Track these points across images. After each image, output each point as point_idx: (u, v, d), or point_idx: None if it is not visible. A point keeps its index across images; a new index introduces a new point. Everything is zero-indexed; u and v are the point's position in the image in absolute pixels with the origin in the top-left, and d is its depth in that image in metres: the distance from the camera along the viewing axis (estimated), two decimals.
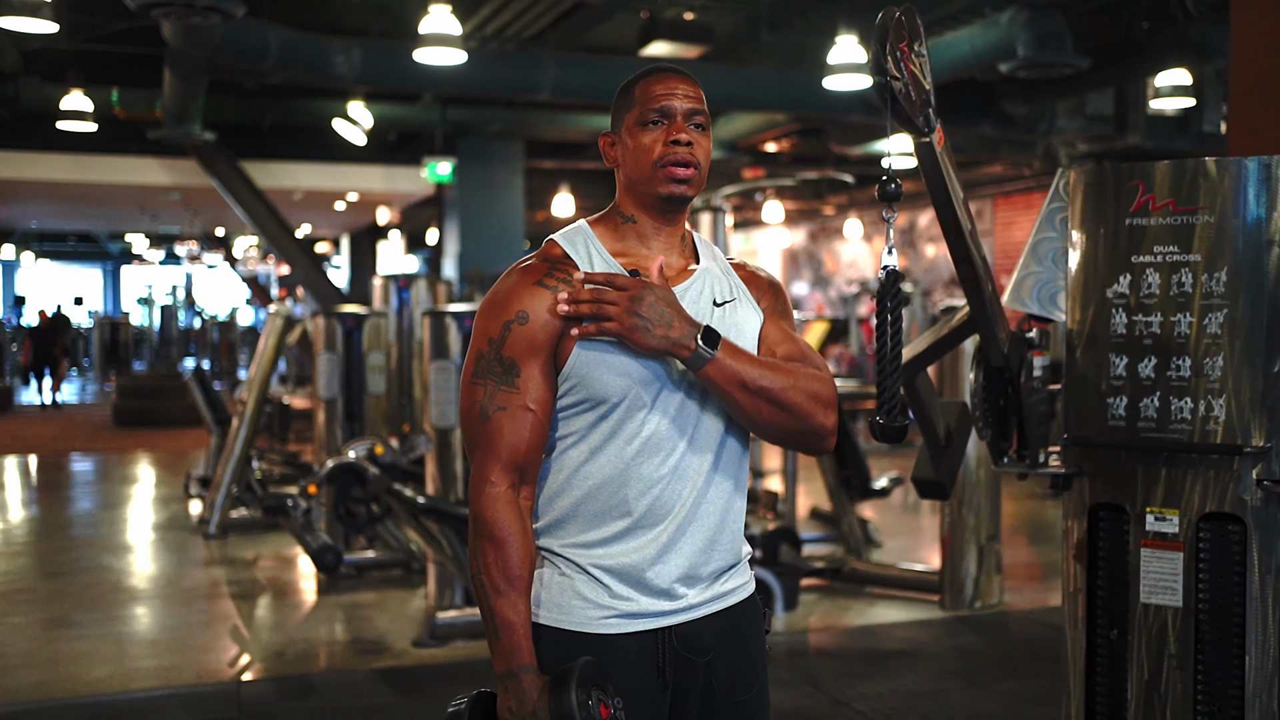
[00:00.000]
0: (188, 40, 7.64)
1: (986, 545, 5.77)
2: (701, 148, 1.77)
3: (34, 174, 13.64)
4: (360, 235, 22.56)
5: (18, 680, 4.80)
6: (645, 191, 1.77)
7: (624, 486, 1.71)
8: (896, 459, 10.69)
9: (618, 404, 1.71)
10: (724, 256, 1.91)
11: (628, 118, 1.79)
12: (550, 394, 1.72)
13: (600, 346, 1.70)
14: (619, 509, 1.72)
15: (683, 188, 1.75)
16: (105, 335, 25.09)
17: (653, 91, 1.77)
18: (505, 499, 1.69)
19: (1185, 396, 2.55)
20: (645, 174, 1.76)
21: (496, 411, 1.70)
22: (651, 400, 1.71)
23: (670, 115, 1.76)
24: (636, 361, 1.70)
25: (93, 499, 9.84)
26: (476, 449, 1.72)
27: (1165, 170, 2.59)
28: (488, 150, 13.16)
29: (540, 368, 1.71)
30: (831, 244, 20.38)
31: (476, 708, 1.70)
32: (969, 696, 4.44)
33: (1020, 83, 9.64)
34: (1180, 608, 2.55)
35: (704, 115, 1.78)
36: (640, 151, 1.76)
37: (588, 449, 1.73)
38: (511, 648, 1.66)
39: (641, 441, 1.71)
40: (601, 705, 1.62)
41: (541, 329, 1.70)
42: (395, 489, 5.41)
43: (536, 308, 1.71)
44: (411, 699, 4.43)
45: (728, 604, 1.80)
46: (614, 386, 1.70)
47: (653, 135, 1.76)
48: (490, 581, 1.68)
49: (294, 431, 12.58)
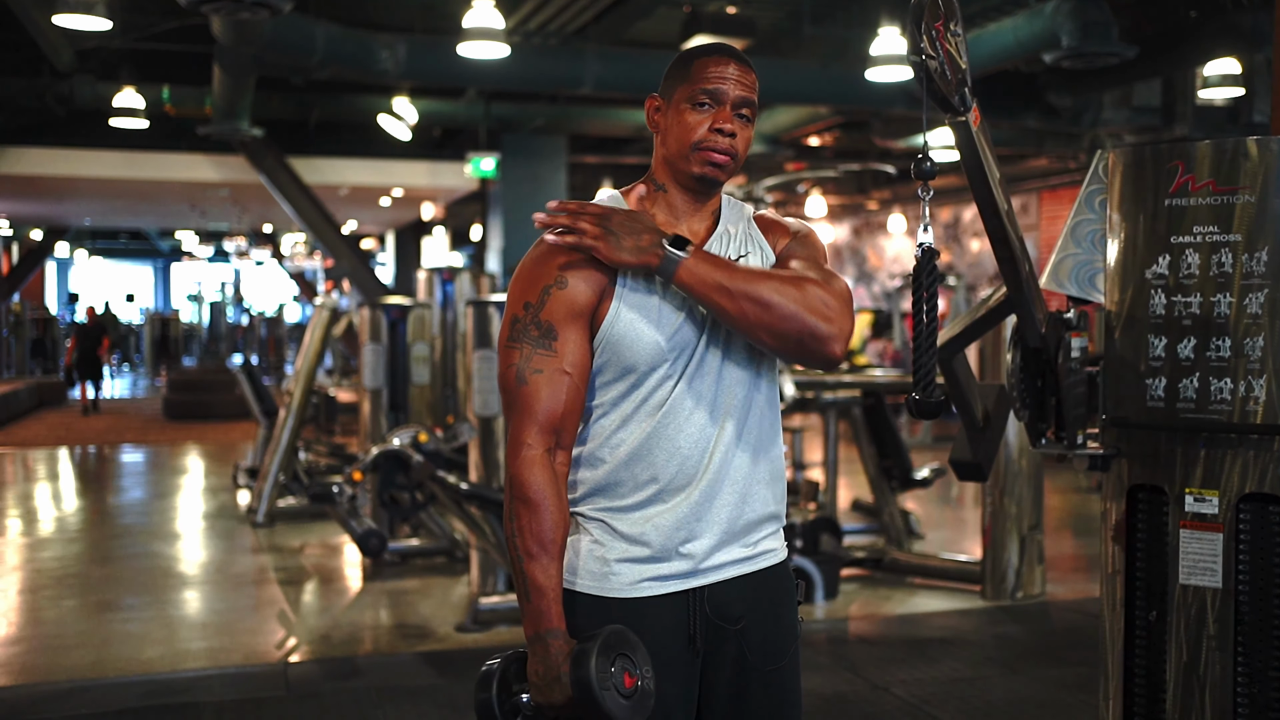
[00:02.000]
0: (236, 37, 7.75)
1: (1028, 535, 5.74)
2: (743, 138, 1.80)
3: (87, 171, 13.88)
4: (405, 231, 22.74)
5: (73, 660, 4.93)
6: (680, 167, 1.80)
7: (652, 452, 1.74)
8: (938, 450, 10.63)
9: (648, 372, 1.74)
10: (752, 213, 1.93)
11: (679, 91, 1.80)
12: (587, 359, 1.75)
13: (633, 316, 1.73)
14: (648, 474, 1.75)
15: (716, 171, 1.78)
16: (156, 331, 25.51)
17: (709, 72, 1.78)
18: (541, 462, 1.71)
19: (1225, 377, 2.54)
20: (683, 151, 1.78)
21: (534, 375, 1.72)
22: (681, 369, 1.75)
23: (720, 100, 1.77)
24: (666, 330, 1.73)
25: (144, 489, 10.02)
26: (513, 412, 1.74)
27: (1205, 150, 2.58)
28: (531, 145, 13.22)
29: (578, 332, 1.74)
30: (875, 239, 20.28)
31: (509, 669, 1.72)
32: (1009, 683, 4.44)
33: (1065, 73, 9.55)
34: (1220, 589, 2.55)
35: (752, 107, 1.80)
36: (684, 129, 1.78)
37: (619, 417, 1.76)
38: (540, 612, 1.68)
39: (669, 408, 1.74)
40: (626, 674, 1.62)
41: (580, 295, 1.73)
42: (439, 476, 5.48)
43: (574, 274, 1.74)
44: (454, 681, 4.49)
45: (758, 566, 1.82)
46: (644, 355, 1.73)
47: (699, 117, 1.77)
48: (523, 544, 1.70)
49: (339, 423, 12.73)
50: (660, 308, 1.74)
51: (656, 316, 1.74)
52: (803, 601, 1.92)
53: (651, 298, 1.74)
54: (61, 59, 9.34)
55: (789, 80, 9.90)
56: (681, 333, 1.74)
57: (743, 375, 1.79)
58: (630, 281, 1.75)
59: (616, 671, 1.62)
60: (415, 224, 21.39)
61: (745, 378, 1.79)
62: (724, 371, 1.78)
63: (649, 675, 1.65)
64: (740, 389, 1.79)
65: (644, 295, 1.74)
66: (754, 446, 1.81)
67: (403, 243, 23.16)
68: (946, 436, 12.35)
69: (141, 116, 10.47)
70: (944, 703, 4.21)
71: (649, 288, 1.75)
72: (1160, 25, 8.97)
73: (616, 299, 1.74)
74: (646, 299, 1.74)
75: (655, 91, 1.86)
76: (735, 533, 1.79)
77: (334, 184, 14.68)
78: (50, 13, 7.41)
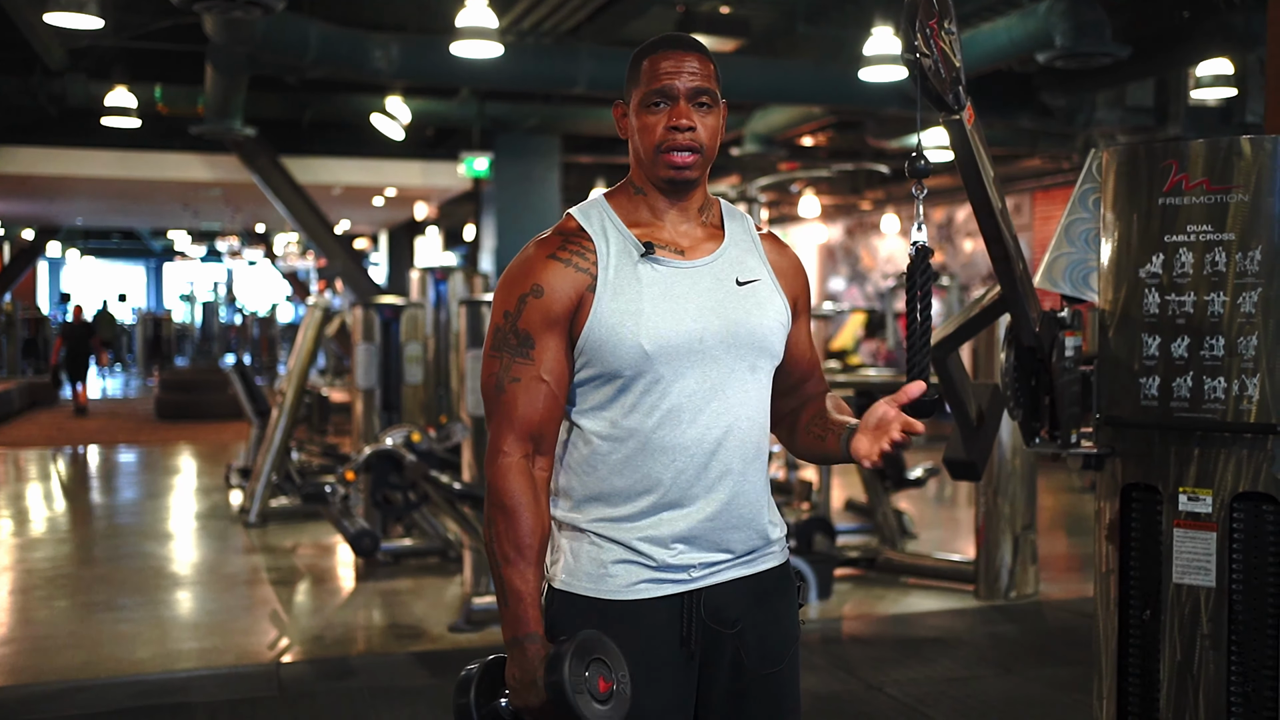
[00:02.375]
0: (229, 35, 7.73)
1: (1022, 535, 5.74)
2: (706, 126, 1.75)
3: (79, 170, 13.84)
4: (398, 231, 22.71)
5: (64, 660, 4.91)
6: (649, 173, 1.78)
7: (648, 459, 1.73)
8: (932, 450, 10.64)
9: (634, 377, 1.72)
10: (754, 226, 1.90)
11: (634, 95, 1.78)
12: (565, 366, 1.74)
13: (613, 321, 1.71)
14: (643, 484, 1.73)
15: (684, 172, 1.75)
16: (148, 331, 25.46)
17: (657, 69, 1.75)
18: (518, 469, 1.71)
19: (1219, 376, 2.55)
20: (649, 155, 1.76)
21: (511, 383, 1.72)
22: (671, 372, 1.72)
23: (673, 97, 1.74)
24: (650, 336, 1.71)
25: (136, 489, 10.00)
26: (492, 419, 1.75)
27: (1199, 149, 2.58)
28: (525, 145, 13.20)
29: (555, 340, 1.73)
30: (869, 239, 20.29)
31: (487, 674, 1.72)
32: (1003, 683, 4.44)
33: (1058, 74, 9.56)
34: (1213, 588, 2.55)
35: (709, 94, 1.76)
36: (644, 133, 1.76)
37: (608, 422, 1.75)
38: (518, 617, 1.68)
39: (662, 414, 1.73)
40: (600, 678, 1.62)
41: (556, 302, 1.72)
42: (432, 476, 5.47)
43: (551, 281, 1.73)
44: (447, 681, 4.48)
45: (755, 570, 1.81)
46: (627, 360, 1.71)
47: (655, 118, 1.75)
48: (500, 550, 1.70)
49: (332, 424, 12.71)
50: (643, 312, 1.72)
51: (638, 321, 1.71)
52: (803, 604, 1.90)
53: (635, 302, 1.72)
54: (53, 58, 9.30)
55: (782, 80, 9.89)
56: (668, 337, 1.72)
57: (734, 379, 1.77)
58: (612, 285, 1.73)
59: (591, 676, 1.61)
60: (408, 224, 21.37)
61: (736, 381, 1.77)
62: (715, 375, 1.75)
63: (625, 680, 1.65)
64: (736, 391, 1.77)
65: (626, 299, 1.72)
66: (753, 449, 1.79)
67: (396, 242, 23.14)
68: (939, 436, 12.35)
69: (134, 115, 10.43)
70: (938, 702, 4.21)
71: (632, 290, 1.73)
72: (1154, 25, 8.99)
73: (596, 303, 1.72)
74: (629, 303, 1.72)
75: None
76: (732, 539, 1.78)
77: (327, 183, 14.65)
78: (42, 11, 7.38)
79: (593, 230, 1.78)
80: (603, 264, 1.74)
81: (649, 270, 1.75)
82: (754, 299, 1.80)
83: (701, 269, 1.78)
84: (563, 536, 1.80)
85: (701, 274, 1.77)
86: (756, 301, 1.80)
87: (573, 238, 1.77)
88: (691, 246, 1.80)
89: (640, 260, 1.75)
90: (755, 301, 1.79)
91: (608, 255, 1.75)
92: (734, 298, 1.78)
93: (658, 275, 1.75)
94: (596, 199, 1.84)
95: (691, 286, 1.76)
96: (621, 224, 1.79)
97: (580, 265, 1.74)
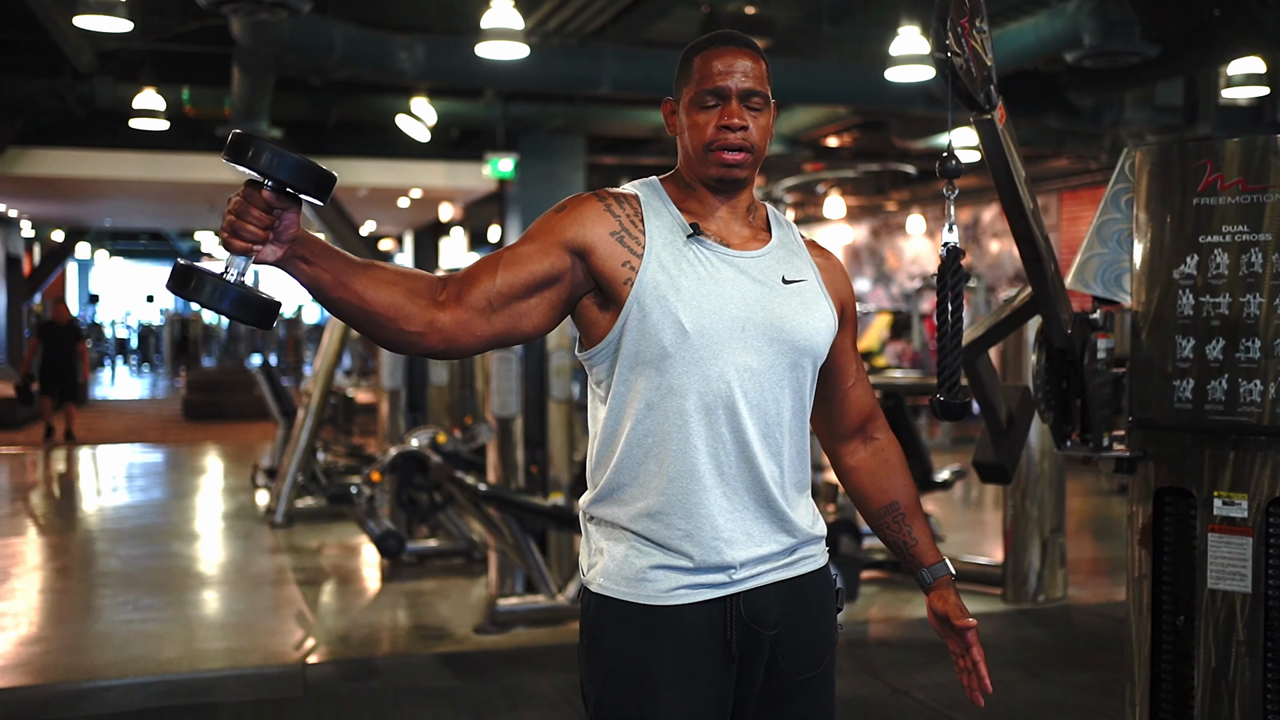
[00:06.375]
0: (255, 38, 7.77)
1: (1050, 538, 5.69)
2: (758, 126, 1.73)
3: (107, 172, 13.94)
4: (423, 232, 22.76)
5: (92, 660, 4.94)
6: (699, 171, 1.76)
7: (686, 447, 1.69)
8: (958, 452, 10.58)
9: (671, 356, 1.67)
10: (799, 233, 1.88)
11: (685, 92, 1.77)
12: (527, 284, 1.69)
13: (658, 294, 1.67)
14: (682, 473, 1.69)
15: (734, 171, 1.73)
16: (175, 332, 25.63)
17: (710, 69, 1.73)
18: (424, 295, 1.64)
19: (1254, 378, 2.51)
20: (698, 154, 1.74)
21: (488, 257, 1.73)
22: (710, 355, 1.68)
23: (725, 97, 1.72)
24: (690, 315, 1.67)
25: (163, 489, 10.05)
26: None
27: (1234, 148, 2.55)
28: (549, 146, 13.20)
29: (550, 259, 1.70)
30: (894, 240, 20.20)
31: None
32: (1031, 687, 4.40)
33: (1086, 73, 9.48)
34: (1249, 593, 2.51)
35: (761, 96, 1.74)
36: (694, 130, 1.74)
37: (644, 404, 1.70)
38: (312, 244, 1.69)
39: (699, 399, 1.68)
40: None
41: (581, 233, 1.71)
42: (457, 477, 5.47)
43: (587, 217, 1.72)
44: (472, 682, 4.48)
45: (796, 573, 1.77)
46: (666, 336, 1.67)
47: (706, 116, 1.73)
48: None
49: (358, 424, 12.76)
50: (683, 288, 1.68)
51: (679, 297, 1.67)
52: (840, 609, 1.87)
53: (677, 279, 1.68)
54: (82, 60, 9.37)
55: (808, 80, 9.86)
56: (709, 319, 1.68)
57: (774, 374, 1.73)
58: (658, 257, 1.69)
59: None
60: (433, 225, 21.41)
61: (776, 376, 1.73)
62: (756, 366, 1.71)
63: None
64: (779, 384, 1.73)
65: (670, 275, 1.68)
66: (788, 448, 1.76)
67: (421, 244, 23.19)
68: (967, 438, 12.29)
69: (161, 117, 10.51)
70: (965, 707, 4.17)
71: (675, 267, 1.69)
72: (1183, 24, 8.90)
73: (642, 272, 1.68)
74: (672, 279, 1.68)
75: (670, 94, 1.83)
76: (773, 540, 1.74)
77: (352, 185, 14.70)
78: (71, 14, 7.44)
79: (644, 197, 1.76)
80: (650, 235, 1.71)
81: (695, 252, 1.72)
82: (800, 298, 1.76)
83: (749, 260, 1.75)
84: (600, 536, 1.76)
85: (748, 264, 1.74)
86: (802, 301, 1.76)
87: (622, 197, 1.76)
88: (739, 242, 1.77)
89: (687, 241, 1.72)
90: (801, 301, 1.76)
91: (658, 228, 1.72)
92: (780, 294, 1.74)
93: (703, 258, 1.72)
94: (651, 178, 1.82)
95: (737, 275, 1.72)
96: (672, 202, 1.77)
97: (627, 226, 1.72)
